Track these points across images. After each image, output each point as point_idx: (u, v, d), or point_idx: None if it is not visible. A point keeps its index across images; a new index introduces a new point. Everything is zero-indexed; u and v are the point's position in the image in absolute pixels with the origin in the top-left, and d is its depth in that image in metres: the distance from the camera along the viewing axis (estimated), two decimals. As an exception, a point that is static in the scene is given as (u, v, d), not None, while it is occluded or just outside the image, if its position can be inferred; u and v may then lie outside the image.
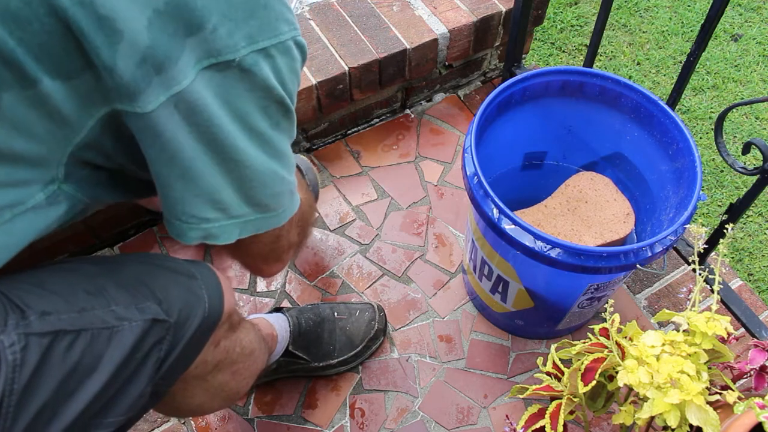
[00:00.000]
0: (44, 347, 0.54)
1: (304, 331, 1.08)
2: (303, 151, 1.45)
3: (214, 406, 0.82)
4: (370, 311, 1.16)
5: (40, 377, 0.53)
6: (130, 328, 0.59)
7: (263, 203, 0.63)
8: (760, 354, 0.76)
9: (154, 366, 0.62)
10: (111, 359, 0.58)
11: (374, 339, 1.15)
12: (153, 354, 0.61)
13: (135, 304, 0.61)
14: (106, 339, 0.58)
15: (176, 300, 0.64)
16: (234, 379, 0.80)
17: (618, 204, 1.11)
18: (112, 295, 0.61)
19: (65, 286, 0.60)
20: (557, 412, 0.81)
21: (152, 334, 0.61)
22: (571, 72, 1.05)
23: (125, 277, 0.63)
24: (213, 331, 0.69)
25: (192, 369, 0.69)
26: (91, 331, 0.57)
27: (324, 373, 1.13)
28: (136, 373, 0.60)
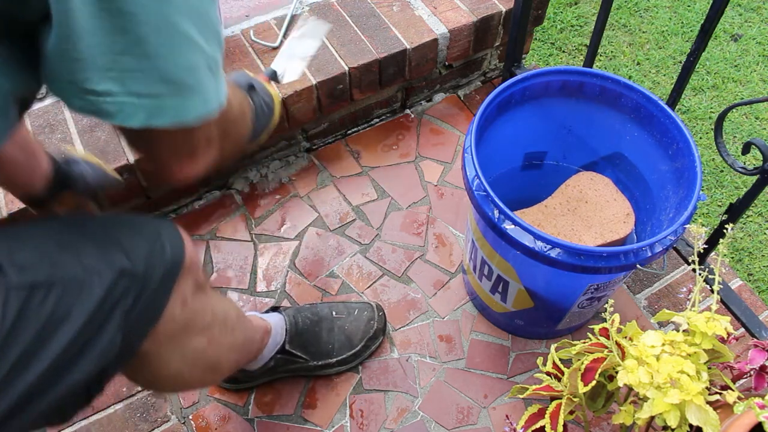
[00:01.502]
0: (21, 300, 0.56)
1: (301, 330, 1.08)
2: (303, 151, 1.45)
3: (195, 376, 0.81)
4: (369, 311, 1.16)
5: (18, 329, 0.55)
6: (99, 280, 0.61)
7: (175, 77, 0.50)
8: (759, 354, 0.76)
9: (121, 315, 0.63)
10: (81, 310, 0.59)
11: (373, 338, 1.15)
12: (120, 304, 0.62)
13: (103, 255, 0.63)
14: (77, 291, 0.59)
15: (140, 250, 0.66)
16: (211, 347, 0.80)
17: (618, 204, 1.11)
18: (81, 248, 0.62)
19: (39, 241, 0.61)
20: (557, 412, 0.81)
21: (120, 284, 0.62)
22: (571, 72, 1.05)
23: (92, 231, 0.65)
24: (176, 280, 0.70)
25: (161, 326, 0.69)
26: (63, 284, 0.59)
27: (323, 373, 1.13)
28: (105, 322, 0.61)
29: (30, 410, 0.58)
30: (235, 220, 1.34)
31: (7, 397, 0.55)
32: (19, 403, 0.56)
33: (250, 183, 1.40)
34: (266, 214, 1.35)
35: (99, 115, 0.50)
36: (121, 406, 1.11)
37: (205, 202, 1.37)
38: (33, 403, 0.58)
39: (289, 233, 1.33)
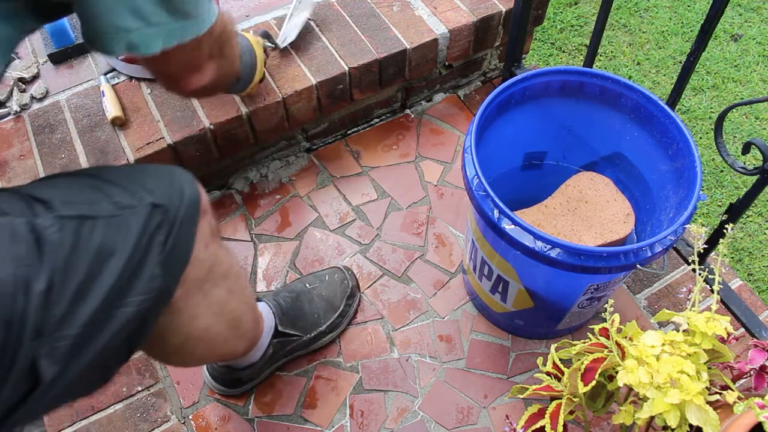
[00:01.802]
0: (74, 228, 0.59)
1: (286, 310, 1.11)
2: (303, 151, 1.45)
3: (221, 332, 0.84)
4: (339, 273, 1.21)
5: (76, 256, 0.58)
6: (134, 213, 0.64)
7: (182, 10, 0.64)
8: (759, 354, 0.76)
9: (158, 248, 0.66)
10: (125, 243, 0.62)
11: (351, 296, 1.19)
12: (156, 237, 0.66)
13: (131, 195, 0.66)
14: (116, 226, 0.62)
15: (161, 189, 0.69)
16: (231, 298, 0.83)
17: (618, 204, 1.11)
18: (110, 190, 0.66)
19: (71, 184, 0.65)
20: (557, 412, 0.81)
21: (153, 217, 0.66)
22: (571, 72, 1.05)
23: (113, 177, 0.68)
24: (197, 220, 0.73)
25: (190, 269, 0.72)
26: (104, 218, 0.62)
27: (319, 344, 1.15)
28: (146, 255, 0.64)
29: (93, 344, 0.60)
30: (235, 220, 1.34)
31: (75, 323, 0.57)
32: (84, 335, 0.58)
33: (250, 183, 1.40)
34: (266, 214, 1.35)
35: (131, 48, 0.62)
36: (121, 406, 1.11)
37: (205, 202, 1.37)
38: (96, 337, 0.60)
39: (289, 233, 1.33)
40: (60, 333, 0.56)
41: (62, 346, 0.57)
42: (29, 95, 1.27)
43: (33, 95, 1.27)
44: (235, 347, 0.92)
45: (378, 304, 1.23)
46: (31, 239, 0.56)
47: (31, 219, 0.57)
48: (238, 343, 0.92)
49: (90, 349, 0.60)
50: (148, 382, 1.13)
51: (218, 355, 0.94)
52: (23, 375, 0.55)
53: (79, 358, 0.59)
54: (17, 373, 0.54)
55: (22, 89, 1.28)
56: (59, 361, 0.57)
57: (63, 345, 0.57)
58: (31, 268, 0.55)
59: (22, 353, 0.54)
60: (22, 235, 0.55)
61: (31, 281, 0.54)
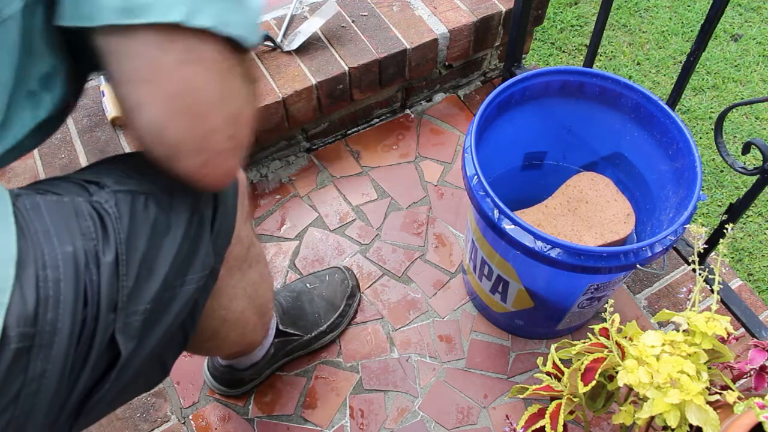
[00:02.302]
0: (129, 204, 0.58)
1: (287, 309, 1.12)
2: (303, 151, 1.45)
3: (251, 318, 0.85)
4: (339, 273, 1.21)
5: (135, 230, 0.57)
6: (183, 191, 0.63)
7: None
8: (760, 354, 0.76)
9: (208, 225, 0.65)
10: (179, 219, 0.61)
11: (352, 296, 1.19)
12: (205, 213, 0.65)
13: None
14: (168, 202, 0.61)
15: None
16: (262, 283, 0.84)
17: (618, 204, 1.11)
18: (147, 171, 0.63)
19: (115, 166, 0.64)
20: (557, 412, 0.81)
21: (201, 194, 0.64)
22: (571, 72, 1.05)
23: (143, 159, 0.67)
24: (238, 194, 0.72)
25: (232, 247, 0.72)
26: (154, 195, 0.61)
27: (319, 344, 1.16)
28: (199, 232, 0.64)
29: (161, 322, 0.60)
30: (235, 220, 1.34)
31: (144, 298, 0.57)
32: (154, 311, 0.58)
33: (250, 183, 1.40)
34: (266, 214, 1.35)
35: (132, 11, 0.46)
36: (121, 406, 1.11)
37: (205, 202, 1.37)
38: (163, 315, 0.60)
39: (289, 233, 1.33)
40: (132, 308, 0.56)
41: (135, 320, 0.56)
42: (29, 95, 1.27)
43: (33, 95, 1.27)
44: (257, 336, 0.94)
45: (378, 304, 1.23)
46: (94, 215, 0.56)
47: (89, 198, 0.57)
48: (261, 332, 0.94)
49: (159, 327, 0.60)
50: (148, 382, 1.13)
51: (246, 343, 0.94)
52: (103, 350, 0.55)
53: (152, 335, 0.59)
54: (98, 349, 0.54)
55: (22, 89, 1.28)
56: (134, 336, 0.57)
57: (136, 320, 0.57)
58: (97, 241, 0.55)
59: (100, 326, 0.54)
60: (85, 212, 0.56)
61: (99, 254, 0.54)
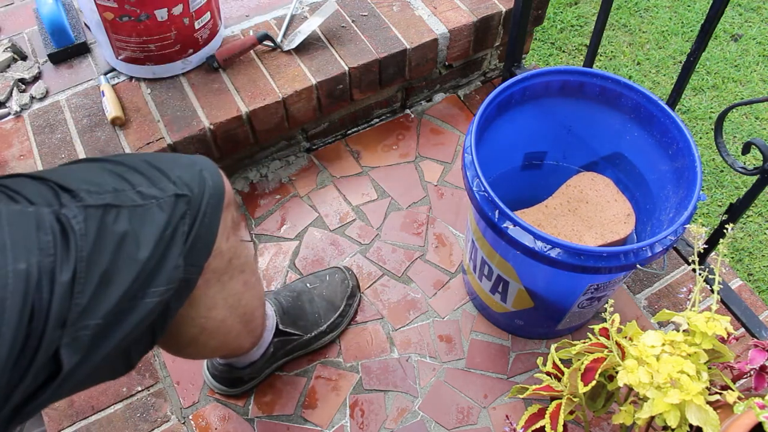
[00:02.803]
0: (99, 219, 0.59)
1: (287, 308, 1.12)
2: (303, 151, 1.45)
3: (234, 326, 0.84)
4: (339, 273, 1.21)
5: (100, 246, 0.58)
6: (159, 204, 0.64)
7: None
8: (760, 354, 0.76)
9: (182, 239, 0.66)
10: (150, 233, 0.62)
11: (352, 296, 1.19)
12: (180, 227, 0.66)
13: (154, 184, 0.66)
14: (141, 215, 0.62)
15: (184, 178, 0.68)
16: (247, 292, 0.84)
17: (619, 205, 1.11)
18: (133, 178, 0.65)
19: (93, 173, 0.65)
20: (557, 412, 0.81)
21: (178, 208, 0.65)
22: (571, 72, 1.05)
23: (136, 165, 0.68)
24: (221, 210, 0.72)
25: (211, 260, 0.72)
26: (127, 208, 0.62)
27: (319, 344, 1.15)
28: (169, 246, 0.64)
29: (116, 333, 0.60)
30: (235, 220, 1.34)
31: (97, 313, 0.57)
32: (107, 324, 0.58)
33: (250, 183, 1.40)
34: (266, 214, 1.35)
35: None
36: (121, 406, 1.11)
37: (205, 202, 1.37)
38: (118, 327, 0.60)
39: (289, 233, 1.33)
40: (82, 323, 0.56)
41: (84, 335, 0.57)
42: (29, 95, 1.27)
43: (33, 95, 1.27)
44: (244, 342, 0.93)
45: (378, 304, 1.23)
46: (57, 229, 0.56)
47: (57, 209, 0.57)
48: (248, 338, 0.93)
49: (112, 338, 0.60)
50: (148, 382, 1.13)
51: (229, 349, 0.94)
52: (45, 363, 0.55)
53: (101, 348, 0.59)
54: (39, 362, 0.54)
55: (22, 89, 1.28)
56: (80, 350, 0.57)
57: (85, 334, 0.57)
58: (55, 258, 0.55)
59: (45, 342, 0.54)
60: (47, 226, 0.55)
61: (56, 271, 0.54)
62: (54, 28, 1.28)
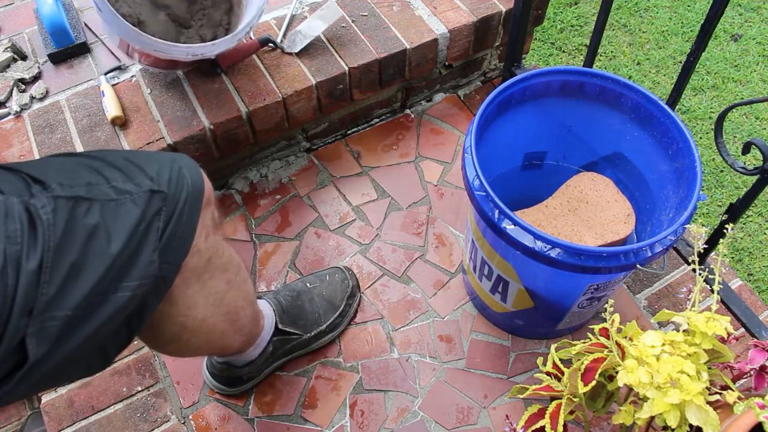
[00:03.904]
0: (69, 210, 0.59)
1: (286, 308, 1.12)
2: (303, 151, 1.45)
3: (218, 325, 0.84)
4: (339, 273, 1.21)
5: (69, 237, 0.58)
6: (133, 200, 0.64)
7: None
8: (760, 354, 0.76)
9: (156, 235, 0.66)
10: (122, 227, 0.62)
11: (352, 296, 1.19)
12: (154, 223, 0.65)
13: (130, 179, 0.66)
14: (114, 209, 0.62)
15: (163, 175, 0.68)
16: (230, 290, 0.83)
17: (619, 205, 1.11)
18: (109, 173, 0.65)
19: (69, 166, 0.65)
20: (557, 412, 0.81)
21: (152, 204, 0.65)
22: (571, 72, 1.05)
23: (114, 160, 0.68)
24: (200, 208, 0.72)
25: (189, 258, 0.72)
26: (100, 202, 0.62)
27: (318, 344, 1.15)
28: (143, 241, 0.64)
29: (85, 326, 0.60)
30: (235, 220, 1.34)
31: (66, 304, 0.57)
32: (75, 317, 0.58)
33: (250, 183, 1.40)
34: (266, 214, 1.35)
35: None
36: (121, 406, 1.11)
37: (205, 202, 1.37)
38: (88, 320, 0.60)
39: (289, 233, 1.33)
40: (50, 313, 0.56)
41: (51, 326, 0.57)
42: (29, 95, 1.27)
43: (33, 95, 1.27)
44: (232, 341, 0.92)
45: (378, 304, 1.23)
46: (25, 218, 0.56)
47: (27, 199, 0.57)
48: (235, 337, 0.92)
49: (82, 330, 0.60)
50: (148, 382, 1.13)
51: (215, 348, 0.93)
52: (10, 352, 0.55)
53: (70, 339, 0.59)
54: (4, 349, 0.54)
55: (22, 89, 1.28)
56: (47, 341, 0.57)
57: (52, 325, 0.57)
58: (22, 246, 0.55)
59: (10, 329, 0.54)
60: (16, 215, 0.55)
61: (22, 259, 0.54)
62: (54, 28, 1.28)
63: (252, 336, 1.00)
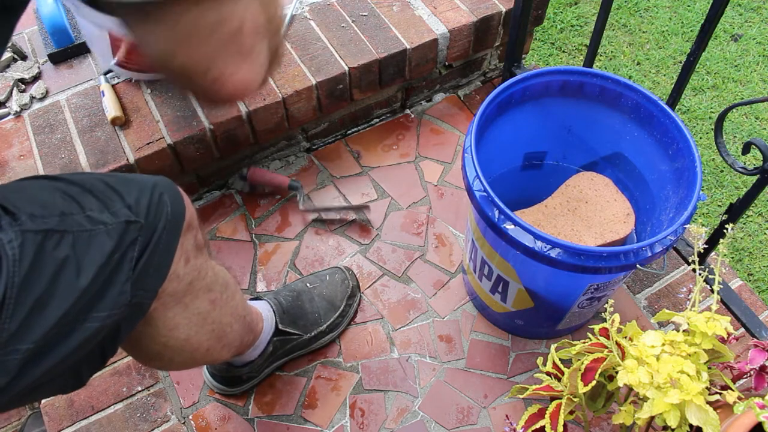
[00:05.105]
0: (37, 244, 0.57)
1: (287, 308, 1.11)
2: (303, 151, 1.45)
3: (202, 344, 0.82)
4: (339, 273, 1.21)
5: (36, 272, 0.57)
6: (107, 231, 0.63)
7: None
8: (760, 354, 0.76)
9: (129, 265, 0.64)
10: (93, 259, 0.61)
11: (352, 296, 1.20)
12: (128, 253, 0.64)
13: (107, 208, 0.64)
14: (87, 241, 0.61)
15: (141, 202, 0.67)
16: (215, 309, 0.82)
17: (618, 204, 1.11)
18: (85, 201, 0.64)
19: (44, 193, 0.63)
20: (557, 412, 0.81)
21: (127, 235, 0.64)
22: (571, 72, 1.05)
23: (93, 186, 0.66)
24: (179, 235, 0.71)
25: (167, 283, 0.70)
26: (72, 233, 0.60)
27: (318, 344, 1.16)
28: (115, 272, 0.63)
29: (50, 357, 0.59)
30: (235, 220, 1.34)
31: (29, 338, 0.56)
32: (39, 349, 0.57)
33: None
34: (266, 214, 1.35)
35: None
36: (121, 406, 1.11)
37: (205, 202, 1.37)
38: (53, 351, 0.59)
39: (289, 233, 1.33)
40: (11, 347, 0.55)
41: (12, 359, 0.56)
42: (29, 95, 1.27)
43: (33, 95, 1.27)
44: (219, 356, 0.90)
45: (378, 304, 1.23)
46: None
47: None
48: (222, 352, 0.90)
49: (46, 361, 0.59)
50: (148, 382, 1.13)
51: (202, 363, 0.92)
52: None
53: (34, 370, 0.58)
54: None
55: (22, 89, 1.28)
56: (7, 374, 0.56)
57: (14, 359, 0.56)
58: None
59: None
60: None
61: None
62: (54, 28, 1.28)
63: (244, 345, 0.98)
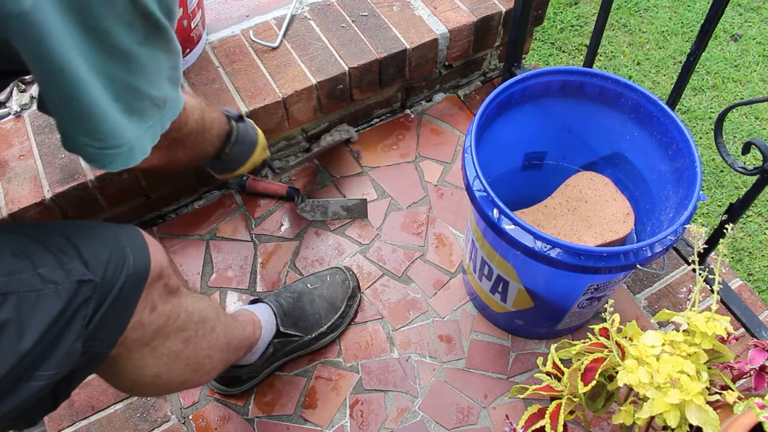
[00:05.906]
0: None
1: (287, 310, 1.11)
2: (303, 151, 1.45)
3: (175, 378, 0.81)
4: (340, 273, 1.20)
5: None
6: (56, 291, 0.61)
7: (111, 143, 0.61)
8: (759, 354, 0.76)
9: (81, 323, 0.63)
10: (39, 321, 0.59)
11: (352, 297, 1.19)
12: (80, 312, 0.62)
13: (61, 266, 0.62)
14: (33, 301, 0.59)
15: (100, 258, 0.65)
16: (188, 347, 0.80)
17: (618, 204, 1.11)
18: (39, 257, 0.62)
19: None
20: (557, 412, 0.81)
21: (79, 294, 0.62)
22: (571, 72, 1.05)
23: (51, 239, 0.65)
24: (142, 290, 0.69)
25: (130, 332, 0.69)
26: (17, 294, 0.58)
27: (319, 345, 1.16)
28: (63, 333, 0.61)
29: None
30: (235, 220, 1.34)
31: None
32: None
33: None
34: (266, 214, 1.35)
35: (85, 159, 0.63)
36: (121, 406, 1.11)
37: (205, 202, 1.37)
38: None
39: (289, 233, 1.33)
40: None
41: None
42: (29, 95, 1.27)
43: (33, 95, 1.27)
44: (198, 384, 0.89)
45: (378, 304, 1.23)
46: None
47: None
48: (202, 380, 0.88)
49: None
50: (148, 382, 1.13)
51: (181, 390, 0.91)
52: None
53: None
54: None
55: (22, 89, 1.28)
56: None
57: None
58: None
59: None
60: None
61: None
62: (54, 28, 1.28)
63: (228, 364, 0.95)
